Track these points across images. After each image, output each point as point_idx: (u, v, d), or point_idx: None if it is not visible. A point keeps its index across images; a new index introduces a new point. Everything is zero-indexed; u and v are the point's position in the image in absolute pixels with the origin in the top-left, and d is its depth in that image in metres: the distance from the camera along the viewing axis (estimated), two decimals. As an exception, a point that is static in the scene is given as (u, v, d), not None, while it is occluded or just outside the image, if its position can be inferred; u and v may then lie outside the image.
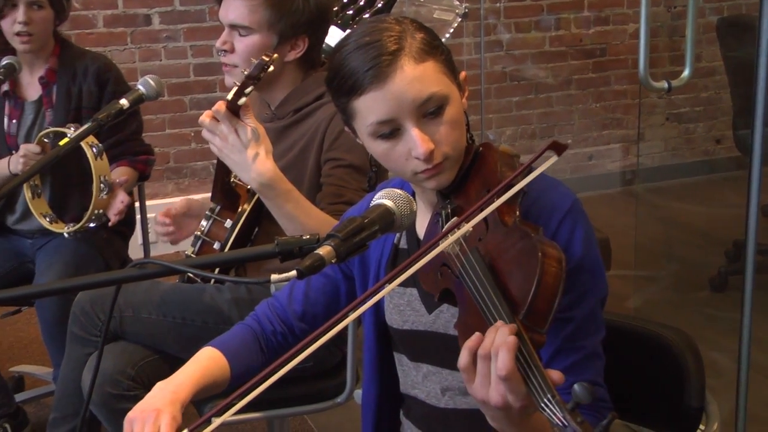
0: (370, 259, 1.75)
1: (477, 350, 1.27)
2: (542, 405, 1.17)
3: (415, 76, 1.47)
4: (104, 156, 2.73)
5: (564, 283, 1.27)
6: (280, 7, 2.25)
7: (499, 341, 1.23)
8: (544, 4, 5.68)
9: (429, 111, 1.48)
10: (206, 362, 1.73)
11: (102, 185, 2.72)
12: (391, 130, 1.49)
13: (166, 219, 2.46)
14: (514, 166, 1.46)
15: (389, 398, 1.80)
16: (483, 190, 1.46)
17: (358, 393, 2.29)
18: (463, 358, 1.28)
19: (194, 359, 1.74)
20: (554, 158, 1.37)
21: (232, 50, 2.30)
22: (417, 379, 1.69)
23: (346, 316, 1.29)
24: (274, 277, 1.19)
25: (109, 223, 2.81)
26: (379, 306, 1.74)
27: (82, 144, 2.65)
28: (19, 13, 2.88)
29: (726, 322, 3.91)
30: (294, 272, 1.21)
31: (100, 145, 2.72)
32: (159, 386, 1.65)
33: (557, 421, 1.14)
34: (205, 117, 2.04)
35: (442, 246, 1.34)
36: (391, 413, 1.81)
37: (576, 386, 1.13)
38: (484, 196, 1.37)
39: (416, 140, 1.47)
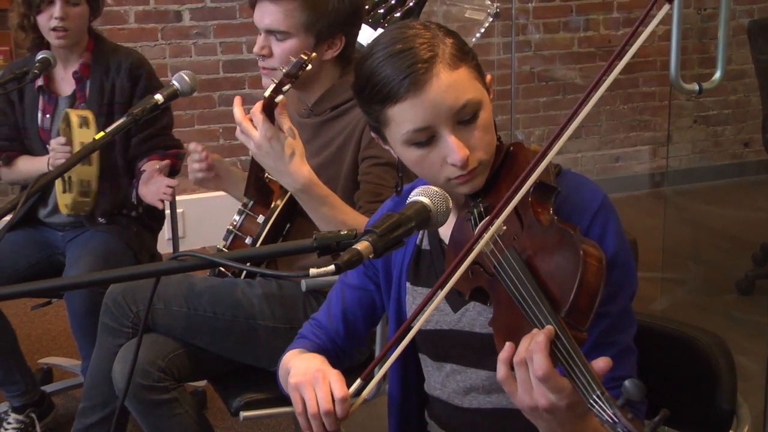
0: (393, 263, 1.75)
1: (512, 360, 1.28)
2: (591, 402, 1.17)
3: (450, 83, 1.47)
4: (91, 125, 2.75)
5: (605, 281, 1.28)
6: (316, 9, 2.24)
7: (531, 345, 1.25)
8: (573, 4, 5.67)
9: (464, 117, 1.49)
10: (304, 352, 1.72)
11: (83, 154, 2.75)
12: (426, 138, 1.49)
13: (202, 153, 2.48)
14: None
15: (414, 398, 1.81)
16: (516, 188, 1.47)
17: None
18: (501, 371, 1.30)
19: (293, 352, 1.72)
20: (667, 7, 1.34)
21: (270, 55, 2.30)
22: (439, 379, 1.70)
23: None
24: (312, 271, 1.20)
25: (159, 207, 2.83)
26: (401, 307, 1.74)
27: (69, 112, 2.73)
28: (56, 9, 2.90)
29: (753, 325, 3.90)
30: (332, 267, 1.22)
31: (87, 115, 2.73)
32: (298, 361, 1.62)
33: (607, 417, 1.15)
34: (242, 119, 2.06)
35: (481, 245, 1.36)
36: (418, 413, 1.82)
37: (627, 383, 1.14)
38: (514, 194, 1.38)
39: (453, 147, 1.48)
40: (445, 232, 1.64)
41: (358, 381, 1.46)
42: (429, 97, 1.46)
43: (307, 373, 1.53)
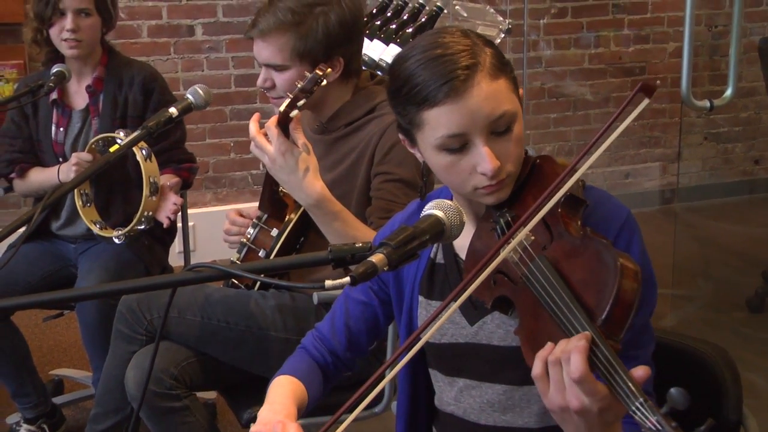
0: (404, 277, 1.75)
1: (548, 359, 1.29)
2: (633, 409, 1.18)
3: (490, 93, 1.47)
4: (153, 158, 2.77)
5: (639, 295, 1.30)
6: (306, 38, 2.26)
7: (569, 346, 1.25)
8: (584, 21, 5.69)
9: (499, 128, 1.49)
10: (291, 386, 1.73)
11: (151, 186, 2.76)
12: (459, 145, 1.49)
13: (240, 218, 2.47)
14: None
15: (422, 413, 1.80)
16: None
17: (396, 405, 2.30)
18: (537, 368, 1.30)
19: (278, 385, 1.73)
20: (646, 101, 1.36)
21: (273, 86, 2.34)
22: (451, 394, 1.69)
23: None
24: (328, 282, 1.21)
25: (164, 225, 2.84)
26: (412, 321, 1.74)
27: (122, 142, 2.69)
28: (67, 21, 2.93)
29: (763, 342, 3.90)
30: (348, 279, 1.23)
31: (149, 147, 2.76)
32: (265, 409, 1.65)
33: (650, 425, 1.15)
34: (256, 134, 2.08)
35: (507, 250, 1.36)
36: (426, 428, 1.81)
37: (673, 390, 1.14)
38: (544, 204, 1.39)
39: (485, 157, 1.48)
40: (460, 245, 1.64)
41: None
42: (467, 105, 1.46)
43: (269, 423, 1.57)
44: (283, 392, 1.71)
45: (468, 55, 1.47)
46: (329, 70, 2.06)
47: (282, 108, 2.04)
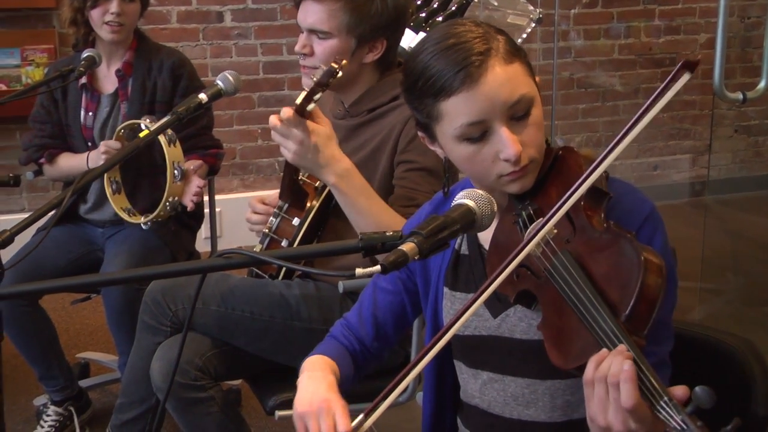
0: (431, 267, 1.74)
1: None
2: (658, 408, 1.17)
3: (506, 77, 1.47)
4: (177, 143, 2.77)
5: (664, 290, 1.28)
6: (359, 12, 2.25)
7: (615, 369, 1.23)
8: (615, 11, 5.65)
9: (518, 113, 1.48)
10: (324, 362, 1.71)
11: (176, 171, 2.75)
12: (479, 134, 1.49)
13: (261, 206, 2.45)
14: None
15: (448, 404, 1.80)
16: (565, 192, 1.46)
17: (420, 396, 2.29)
18: (589, 372, 1.28)
19: (312, 362, 1.71)
20: (688, 76, 1.37)
21: (312, 53, 2.31)
22: (476, 387, 1.68)
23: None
24: (358, 270, 1.20)
25: (188, 209, 2.84)
26: (437, 312, 1.73)
27: (148, 129, 2.69)
28: (113, 4, 2.95)
29: (792, 337, 3.85)
30: (378, 267, 1.22)
31: (172, 133, 2.76)
32: (307, 376, 1.63)
33: (675, 424, 1.14)
34: (277, 122, 2.06)
35: (531, 246, 1.35)
36: (451, 419, 1.81)
37: (698, 389, 1.13)
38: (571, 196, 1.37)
39: (507, 142, 1.47)
40: (485, 236, 1.63)
41: (361, 416, 1.47)
42: (484, 90, 1.46)
43: (312, 403, 1.55)
44: (321, 364, 1.69)
45: (481, 42, 1.47)
46: (345, 62, 2.03)
47: (298, 101, 2.02)
